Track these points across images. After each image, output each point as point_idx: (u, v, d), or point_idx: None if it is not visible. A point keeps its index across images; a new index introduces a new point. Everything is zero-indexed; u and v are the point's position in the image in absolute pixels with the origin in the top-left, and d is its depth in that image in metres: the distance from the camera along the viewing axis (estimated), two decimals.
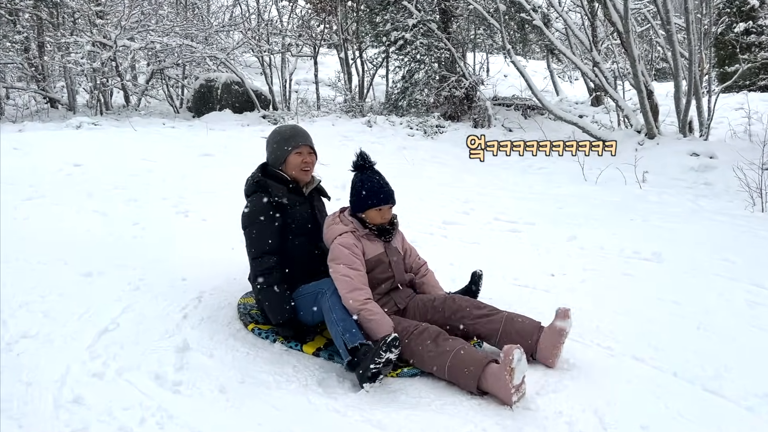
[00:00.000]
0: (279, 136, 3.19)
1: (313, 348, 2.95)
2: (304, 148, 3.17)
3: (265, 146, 3.26)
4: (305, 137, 3.21)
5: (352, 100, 14.30)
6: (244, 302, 3.33)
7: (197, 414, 2.40)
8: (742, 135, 10.37)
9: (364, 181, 3.06)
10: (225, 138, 10.16)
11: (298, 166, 3.16)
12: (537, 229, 5.31)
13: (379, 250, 3.05)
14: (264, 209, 3.05)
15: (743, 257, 4.50)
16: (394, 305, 3.03)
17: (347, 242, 2.94)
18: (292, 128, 3.24)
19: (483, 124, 12.38)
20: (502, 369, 2.51)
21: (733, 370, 2.92)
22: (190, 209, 5.39)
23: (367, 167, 3.09)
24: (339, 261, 2.90)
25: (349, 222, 3.05)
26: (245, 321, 3.17)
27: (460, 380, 2.64)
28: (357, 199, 3.06)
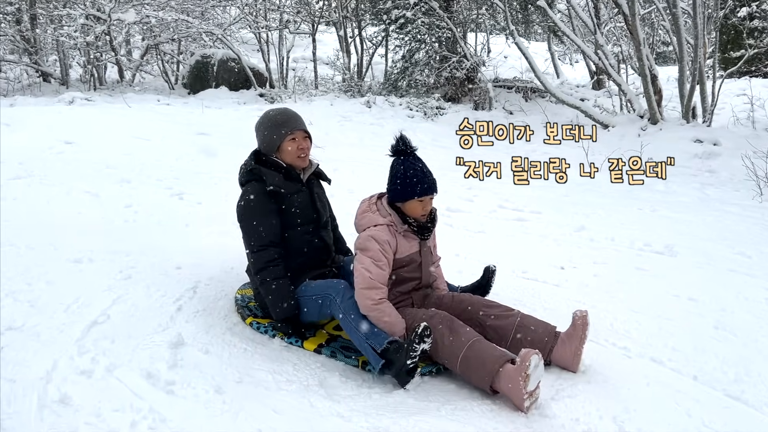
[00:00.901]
0: (270, 121, 2.95)
1: (314, 344, 2.80)
2: (298, 134, 2.95)
3: (255, 132, 3.05)
4: (298, 121, 2.99)
5: (351, 79, 14.05)
6: (242, 294, 3.17)
7: (191, 418, 2.24)
8: (744, 122, 10.24)
9: (406, 167, 2.73)
10: (221, 116, 9.96)
11: (293, 153, 2.94)
12: (543, 218, 5.16)
13: (413, 249, 2.82)
14: (260, 199, 2.86)
15: (758, 252, 4.37)
16: (412, 304, 2.86)
17: (381, 237, 2.70)
18: (283, 112, 3.00)
19: (484, 106, 12.17)
20: (518, 373, 2.36)
21: (754, 373, 2.80)
22: (185, 191, 5.21)
23: (409, 153, 2.79)
24: (367, 253, 2.68)
25: (387, 214, 2.77)
26: (243, 314, 3.01)
27: (472, 375, 2.50)
28: (399, 187, 2.74)
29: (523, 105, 12.20)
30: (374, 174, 2.80)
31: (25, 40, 13.77)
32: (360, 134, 9.42)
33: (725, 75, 10.82)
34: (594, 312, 3.29)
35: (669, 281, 3.77)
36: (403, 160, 2.77)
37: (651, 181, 6.99)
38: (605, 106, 11.63)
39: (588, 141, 7.84)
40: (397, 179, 2.75)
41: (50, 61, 14.75)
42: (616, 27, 13.50)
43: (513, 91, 12.89)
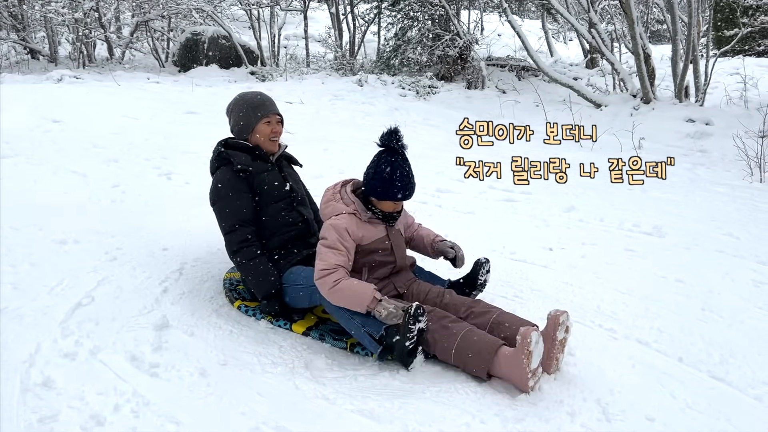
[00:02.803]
0: (246, 103, 2.98)
1: (302, 327, 2.78)
2: (273, 117, 3.01)
3: (228, 115, 3.04)
4: (273, 105, 3.04)
5: (343, 57, 13.92)
6: (230, 277, 3.14)
7: (175, 401, 2.23)
8: (737, 101, 10.21)
9: (393, 168, 2.66)
10: (211, 95, 9.86)
11: (266, 135, 2.99)
12: (533, 198, 5.14)
13: (380, 234, 2.79)
14: (230, 180, 2.88)
15: (746, 232, 4.37)
16: (394, 289, 2.82)
17: (340, 225, 2.68)
18: (259, 95, 3.04)
19: (476, 85, 12.10)
20: (519, 352, 2.35)
21: (739, 355, 2.81)
22: (174, 171, 5.16)
23: (400, 152, 2.71)
24: (325, 242, 2.66)
25: (351, 202, 2.75)
26: (231, 297, 2.98)
27: (468, 364, 2.47)
28: (380, 186, 2.69)
29: (516, 84, 12.14)
30: (365, 154, 2.75)
31: (12, 16, 13.57)
32: (351, 113, 9.36)
33: (719, 54, 10.77)
34: (581, 293, 3.31)
35: (657, 262, 3.77)
36: (392, 159, 2.68)
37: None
38: (598, 85, 11.59)
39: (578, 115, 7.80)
40: (381, 177, 2.69)
41: (38, 37, 14.54)
42: (609, 5, 13.38)
43: (506, 70, 12.82)
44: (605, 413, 2.32)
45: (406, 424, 2.18)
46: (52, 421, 2.09)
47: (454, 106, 10.78)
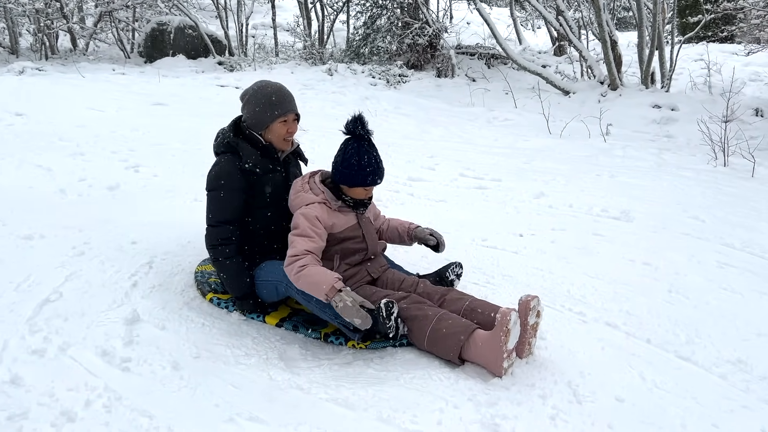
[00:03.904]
0: (265, 98, 2.79)
1: (276, 319, 2.77)
2: (290, 116, 2.84)
3: (243, 102, 2.88)
4: (293, 103, 2.86)
5: (312, 46, 13.82)
6: (202, 270, 3.11)
7: (148, 395, 2.22)
8: (701, 87, 10.40)
9: (360, 154, 2.69)
10: (179, 86, 9.74)
11: (281, 135, 2.84)
12: (504, 185, 5.18)
13: (351, 222, 2.81)
14: (230, 173, 2.76)
15: (711, 215, 4.47)
16: (368, 275, 2.83)
17: (310, 213, 2.68)
18: (279, 91, 2.84)
19: (447, 73, 12.12)
20: (498, 331, 2.37)
21: (705, 335, 2.89)
22: (141, 163, 5.09)
23: (365, 138, 2.72)
24: (295, 231, 2.67)
25: (320, 191, 2.76)
26: (203, 290, 2.95)
27: (440, 346, 2.49)
28: (349, 172, 2.71)
29: (485, 72, 12.20)
30: (337, 143, 2.74)
31: None
32: (322, 103, 9.31)
33: (683, 40, 10.94)
34: (551, 278, 3.36)
35: (625, 246, 3.84)
36: (358, 145, 2.71)
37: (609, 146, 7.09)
38: (566, 72, 11.70)
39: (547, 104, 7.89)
40: (349, 164, 2.71)
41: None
42: None
43: (475, 58, 12.85)
44: (576, 395, 2.36)
45: (380, 411, 2.19)
46: (22, 418, 2.06)
47: (424, 94, 10.80)
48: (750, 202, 5.08)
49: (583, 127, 7.95)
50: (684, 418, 2.29)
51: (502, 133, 8.05)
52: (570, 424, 2.20)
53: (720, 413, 2.34)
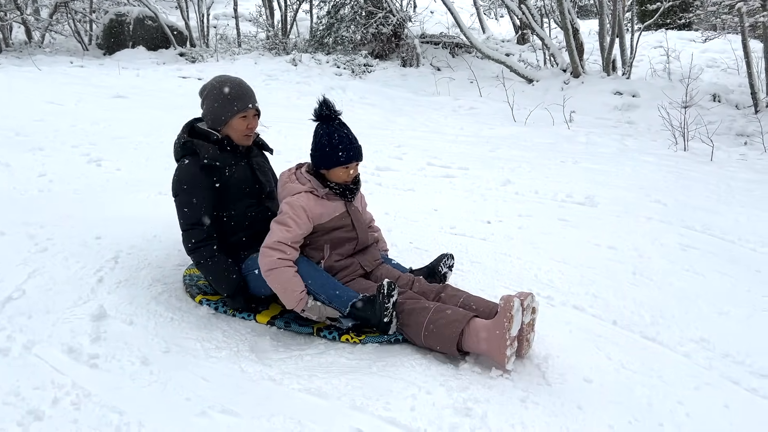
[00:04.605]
0: (222, 93, 2.74)
1: (267, 317, 2.72)
2: (250, 111, 2.78)
3: (201, 98, 2.82)
4: (252, 97, 2.81)
5: (275, 36, 13.68)
6: (190, 273, 3.02)
7: (117, 391, 2.18)
8: (661, 73, 10.61)
9: (330, 134, 2.66)
10: (139, 78, 9.57)
11: (241, 131, 2.79)
12: (471, 174, 5.22)
13: (339, 210, 2.75)
14: (192, 175, 2.70)
15: (673, 199, 4.57)
16: (360, 267, 2.79)
17: (296, 203, 2.64)
18: (238, 85, 2.78)
19: (411, 63, 12.12)
20: (500, 319, 2.36)
21: (669, 315, 2.96)
22: (103, 158, 4.98)
23: (333, 118, 2.70)
24: (279, 218, 2.65)
25: (306, 180, 2.72)
26: (192, 293, 2.87)
27: (438, 339, 2.45)
28: (322, 154, 2.68)
29: (450, 61, 12.23)
30: (302, 134, 2.73)
31: None
32: (286, 93, 9.24)
33: (642, 27, 11.12)
34: (519, 263, 3.40)
35: (590, 231, 3.91)
36: (327, 126, 2.69)
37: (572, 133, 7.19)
38: (530, 60, 11.80)
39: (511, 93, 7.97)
40: (321, 146, 2.68)
41: None
42: None
43: (440, 47, 12.87)
44: (545, 377, 2.41)
45: (353, 400, 2.20)
46: None
47: (390, 84, 10.80)
48: (710, 186, 5.22)
49: (547, 115, 8.05)
50: (650, 397, 2.35)
51: (468, 121, 8.10)
52: (540, 405, 2.24)
53: (685, 391, 2.41)
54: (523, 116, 8.11)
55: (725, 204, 4.67)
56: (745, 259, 3.70)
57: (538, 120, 8.00)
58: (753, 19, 9.02)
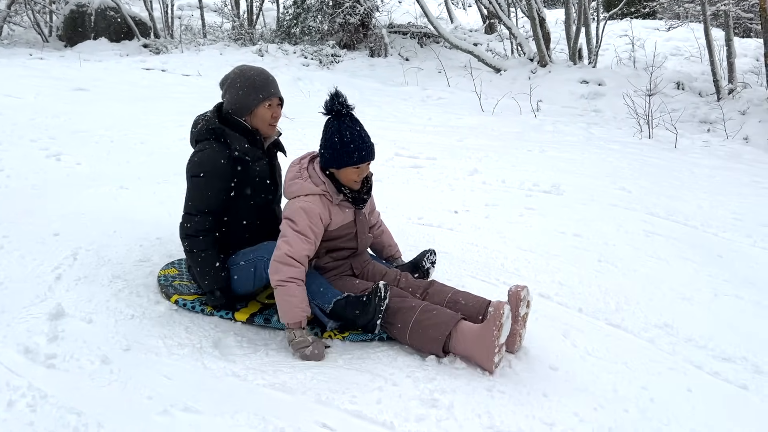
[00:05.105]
0: (248, 81, 2.65)
1: (246, 314, 2.66)
2: (274, 100, 2.70)
3: (223, 88, 2.73)
4: (276, 87, 2.73)
5: (241, 27, 13.49)
6: (165, 273, 2.93)
7: (76, 391, 2.12)
8: (626, 61, 10.72)
9: (342, 131, 2.50)
10: (101, 70, 9.36)
11: (266, 120, 2.69)
12: (438, 164, 5.21)
13: (348, 219, 2.63)
14: (216, 161, 2.61)
15: (638, 186, 4.62)
16: (351, 270, 2.72)
17: (313, 210, 2.50)
18: (261, 74, 2.71)
19: (379, 53, 12.07)
20: (489, 326, 2.31)
21: (633, 301, 3.00)
22: (63, 152, 4.85)
23: (345, 114, 2.54)
24: (294, 225, 2.48)
25: (321, 182, 2.55)
26: (167, 293, 2.78)
27: (423, 339, 2.40)
28: (333, 153, 2.51)
29: (418, 51, 12.20)
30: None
31: None
32: None
33: (608, 17, 11.22)
34: (486, 253, 3.41)
35: (556, 219, 3.93)
36: (339, 122, 2.52)
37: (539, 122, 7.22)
38: (497, 50, 11.82)
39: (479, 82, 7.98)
40: (332, 144, 2.51)
41: None
42: None
43: (408, 37, 12.83)
44: (511, 366, 2.41)
45: (318, 394, 2.17)
46: None
47: (358, 74, 10.74)
48: (673, 172, 5.29)
49: (515, 104, 8.07)
50: (615, 383, 2.37)
51: (436, 111, 8.09)
52: (506, 394, 2.24)
53: (649, 376, 2.44)
54: (491, 106, 8.12)
55: (688, 190, 4.74)
56: (708, 244, 3.76)
57: (506, 109, 8.02)
58: (715, 8, 9.16)
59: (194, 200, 2.65)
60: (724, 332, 2.78)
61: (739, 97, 8.42)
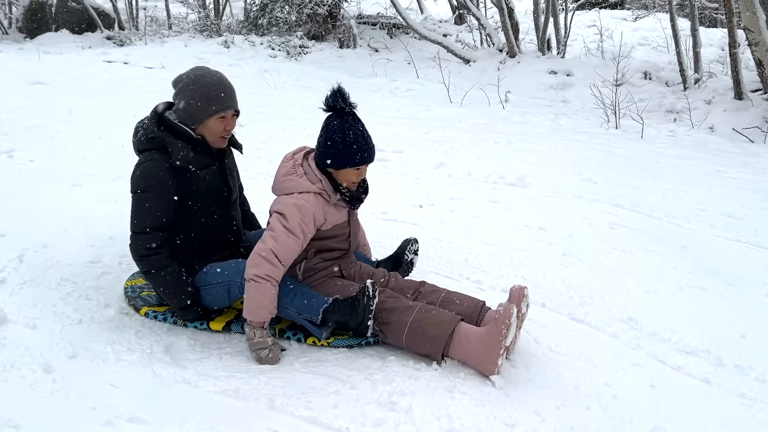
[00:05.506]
0: (201, 90, 2.45)
1: (222, 323, 2.53)
2: (229, 112, 2.50)
3: (175, 90, 2.52)
4: (233, 98, 2.52)
5: (207, 18, 13.26)
6: (132, 284, 2.78)
7: (15, 403, 2.02)
8: (595, 52, 10.75)
9: (345, 131, 2.38)
10: (62, 63, 9.11)
11: (217, 133, 2.51)
12: (405, 157, 5.13)
13: (342, 219, 2.54)
14: (159, 174, 2.43)
15: (603, 177, 4.60)
16: (339, 270, 2.62)
17: (307, 209, 2.37)
18: (219, 83, 2.49)
19: (348, 44, 11.95)
20: (498, 327, 2.23)
21: (597, 295, 2.97)
22: (16, 148, 4.67)
23: (348, 112, 2.42)
24: (285, 222, 2.36)
25: (318, 180, 2.43)
26: (136, 305, 2.61)
27: (423, 341, 2.32)
28: (334, 153, 2.39)
29: (387, 42, 12.10)
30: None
31: None
32: None
33: (576, 7, 11.23)
34: (450, 248, 3.35)
35: (521, 212, 3.88)
36: (341, 120, 2.40)
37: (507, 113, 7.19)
38: (467, 40, 11.77)
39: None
40: (333, 143, 2.39)
41: None
42: None
43: (377, 28, 12.72)
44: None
45: (272, 400, 2.10)
46: None
47: (326, 66, 10.61)
48: (639, 163, 5.29)
49: (483, 95, 8.03)
50: (578, 380, 2.33)
51: (405, 103, 8.01)
52: (467, 395, 2.19)
53: (612, 372, 2.40)
54: (460, 97, 8.07)
55: (654, 181, 4.73)
56: (672, 235, 3.75)
57: (474, 101, 7.98)
58: None
59: (140, 218, 2.47)
60: (687, 325, 2.76)
61: (704, 87, 8.48)
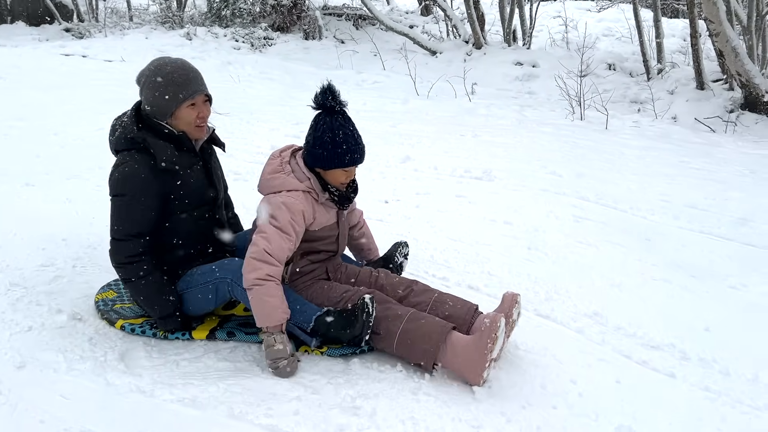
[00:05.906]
0: (165, 79, 2.31)
1: (205, 331, 2.44)
2: (199, 98, 2.37)
3: (140, 88, 2.38)
4: (199, 81, 2.38)
5: (169, 9, 12.98)
6: (103, 298, 2.64)
7: None
8: (560, 43, 10.80)
9: (335, 130, 2.32)
10: (17, 56, 8.82)
11: (191, 122, 2.37)
12: (371, 151, 4.92)
13: (331, 221, 2.46)
14: (141, 176, 2.29)
15: (568, 170, 4.60)
16: (325, 273, 2.55)
17: (296, 206, 2.30)
18: (181, 68, 2.35)
19: (314, 35, 11.81)
20: (483, 339, 2.18)
21: (563, 290, 2.96)
22: None
23: (338, 111, 2.36)
24: (274, 222, 2.28)
25: (306, 178, 2.36)
26: (110, 319, 2.50)
27: (413, 350, 2.26)
28: (323, 153, 2.32)
29: (353, 33, 11.99)
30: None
31: None
32: None
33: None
34: (415, 244, 3.30)
35: (486, 206, 3.86)
36: (331, 119, 2.34)
37: (473, 105, 7.17)
38: (433, 32, 11.73)
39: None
40: (322, 143, 2.32)
41: None
42: None
43: (343, 19, 12.60)
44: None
45: (231, 408, 2.03)
46: None
47: (291, 57, 10.47)
48: (604, 154, 5.31)
49: (450, 87, 8.00)
50: (543, 378, 2.31)
51: (371, 96, 7.93)
52: (432, 397, 2.15)
53: (578, 369, 2.39)
54: (426, 89, 8.03)
55: (618, 172, 4.75)
56: (637, 227, 3.76)
57: (441, 93, 7.94)
58: None
59: (120, 223, 2.34)
60: (652, 318, 2.76)
61: (667, 77, 8.57)
